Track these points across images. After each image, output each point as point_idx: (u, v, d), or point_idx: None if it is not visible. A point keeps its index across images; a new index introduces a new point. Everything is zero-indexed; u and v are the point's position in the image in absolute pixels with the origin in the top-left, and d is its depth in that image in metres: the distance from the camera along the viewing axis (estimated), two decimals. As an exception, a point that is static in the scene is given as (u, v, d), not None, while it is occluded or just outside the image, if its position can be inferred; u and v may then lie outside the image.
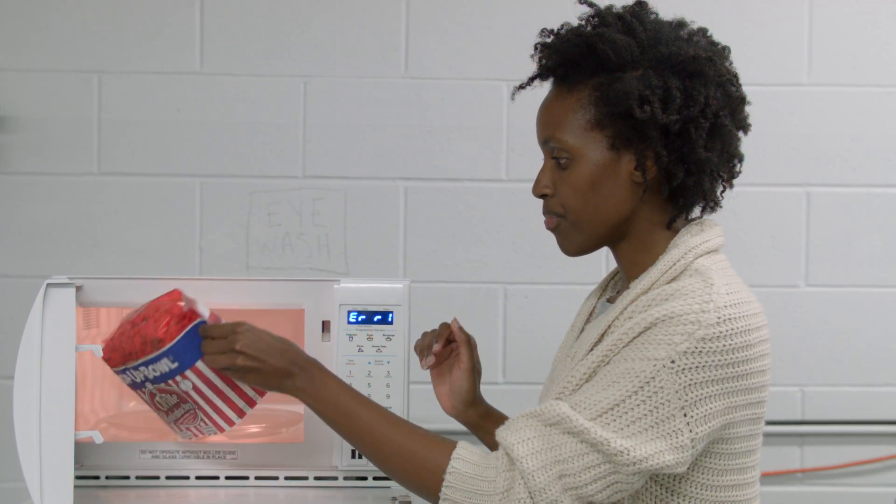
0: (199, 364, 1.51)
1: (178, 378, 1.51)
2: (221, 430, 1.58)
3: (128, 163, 2.33)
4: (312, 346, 1.68)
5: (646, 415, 1.27)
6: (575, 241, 1.45)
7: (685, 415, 1.27)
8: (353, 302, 1.68)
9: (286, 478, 1.69)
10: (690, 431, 1.27)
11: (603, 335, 1.39)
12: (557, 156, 1.41)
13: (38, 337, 1.57)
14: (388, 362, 1.67)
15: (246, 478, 1.69)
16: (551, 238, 1.47)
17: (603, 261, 2.29)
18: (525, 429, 1.32)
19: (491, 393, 2.34)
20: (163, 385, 1.53)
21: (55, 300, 1.58)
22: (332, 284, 1.69)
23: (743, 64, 1.45)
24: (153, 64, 2.33)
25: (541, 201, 1.49)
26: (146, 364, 1.52)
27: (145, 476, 1.68)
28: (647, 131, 1.36)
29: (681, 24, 1.43)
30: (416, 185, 2.34)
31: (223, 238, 2.33)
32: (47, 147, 2.31)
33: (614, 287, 1.57)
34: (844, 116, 2.37)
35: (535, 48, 1.47)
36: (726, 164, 1.42)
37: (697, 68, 1.37)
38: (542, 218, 1.48)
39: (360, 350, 1.67)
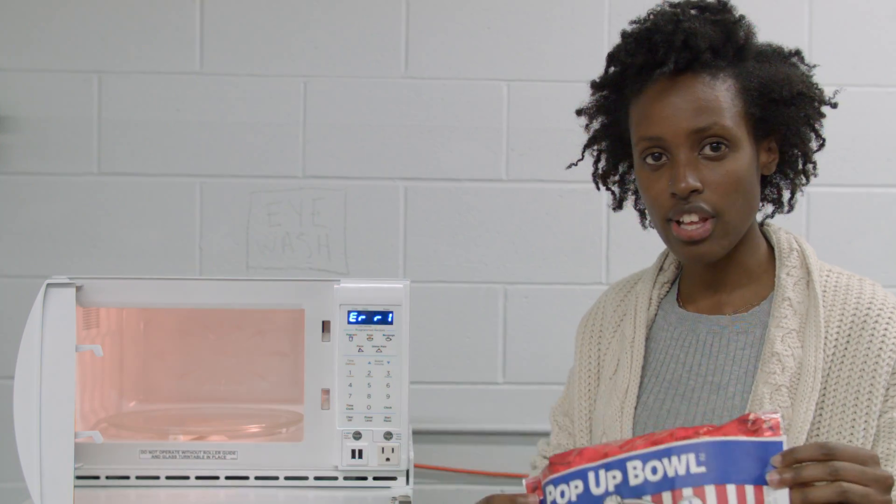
0: (732, 490, 1.04)
1: (686, 492, 1.04)
2: None
3: (128, 163, 2.33)
4: (312, 346, 1.68)
5: None
6: (726, 243, 1.34)
7: None
8: (353, 302, 1.68)
9: (286, 478, 1.69)
10: None
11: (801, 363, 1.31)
12: (717, 142, 1.30)
13: (38, 337, 1.57)
14: (388, 362, 1.67)
15: (246, 478, 1.69)
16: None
17: (602, 260, 2.29)
18: None
19: (491, 393, 2.35)
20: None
21: (55, 300, 1.59)
22: (332, 284, 1.69)
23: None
24: (153, 64, 2.33)
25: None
26: (648, 457, 1.06)
27: (145, 476, 1.69)
28: (811, 114, 1.36)
29: None
30: (416, 185, 2.34)
31: (223, 238, 2.33)
32: (47, 147, 2.31)
33: (661, 291, 1.50)
34: (844, 116, 2.36)
35: (676, 30, 1.31)
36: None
37: (794, 59, 1.40)
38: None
39: (360, 350, 1.67)
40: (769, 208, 1.46)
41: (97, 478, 1.68)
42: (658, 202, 1.34)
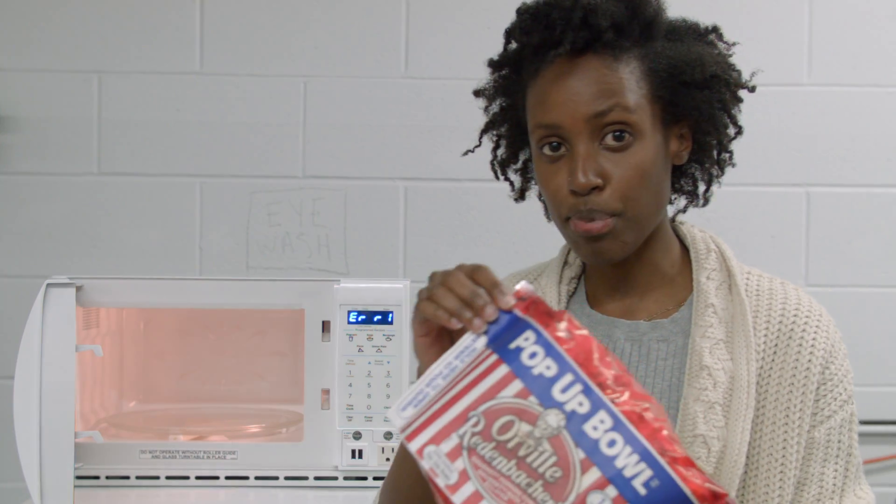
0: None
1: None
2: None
3: (128, 163, 2.33)
4: (312, 346, 1.68)
5: (858, 452, 1.24)
6: (628, 242, 1.20)
7: None
8: (353, 302, 1.68)
9: (286, 478, 1.69)
10: None
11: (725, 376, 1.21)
12: (619, 130, 1.17)
13: (38, 337, 1.57)
14: (388, 362, 1.67)
15: (246, 478, 1.69)
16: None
17: (603, 261, 2.28)
18: None
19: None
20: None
21: (55, 300, 1.59)
22: (332, 284, 1.69)
23: (743, 64, 1.45)
24: (153, 64, 2.33)
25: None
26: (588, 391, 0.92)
27: (145, 476, 1.69)
28: (724, 99, 1.23)
29: None
30: (416, 185, 2.34)
31: (223, 238, 2.33)
32: (47, 147, 2.31)
33: (570, 287, 1.34)
34: (844, 116, 2.37)
35: (575, 6, 1.19)
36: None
37: (710, 38, 1.27)
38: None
39: (360, 350, 1.67)
40: (682, 202, 1.33)
41: (97, 478, 1.68)
42: (557, 199, 1.21)
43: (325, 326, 1.68)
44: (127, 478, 1.69)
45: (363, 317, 1.68)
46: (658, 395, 1.21)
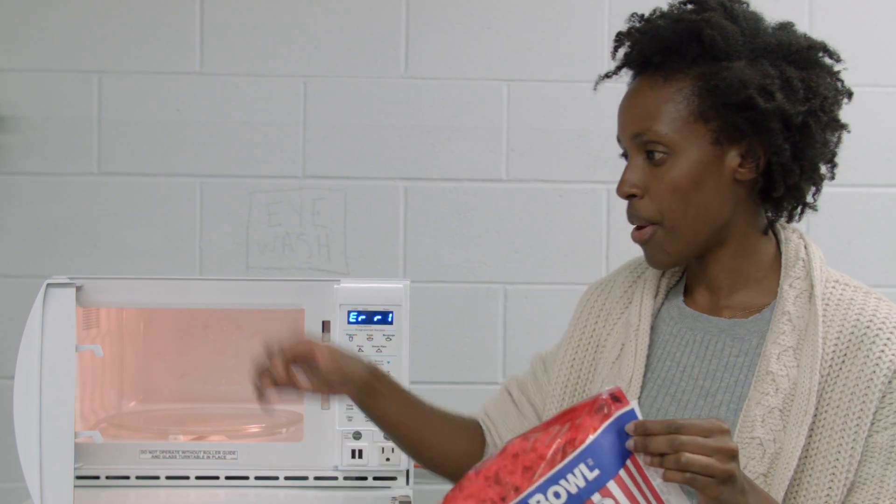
0: (623, 473, 1.09)
1: (595, 499, 1.08)
2: None
3: (128, 163, 2.32)
4: (312, 346, 1.68)
5: None
6: (672, 250, 1.31)
7: None
8: (353, 302, 1.68)
9: (286, 478, 1.69)
10: None
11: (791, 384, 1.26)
12: (652, 149, 1.29)
13: (38, 337, 1.57)
14: (388, 362, 1.67)
15: (246, 478, 1.69)
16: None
17: (602, 260, 2.28)
18: None
19: (491, 393, 2.34)
20: None
21: (55, 300, 1.59)
22: (332, 284, 1.69)
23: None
24: (153, 64, 2.33)
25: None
26: (547, 486, 1.08)
27: (145, 476, 1.69)
28: (767, 123, 1.27)
29: (762, 17, 1.36)
30: (416, 185, 2.34)
31: (223, 238, 2.33)
32: (47, 147, 2.31)
33: (671, 280, 1.43)
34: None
35: (628, 33, 1.34)
36: (830, 163, 1.37)
37: (814, 58, 1.32)
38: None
39: (360, 350, 1.67)
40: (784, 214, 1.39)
41: (97, 478, 1.69)
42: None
43: (325, 326, 1.68)
44: (127, 478, 1.69)
45: (363, 317, 1.68)
46: (724, 389, 1.29)
